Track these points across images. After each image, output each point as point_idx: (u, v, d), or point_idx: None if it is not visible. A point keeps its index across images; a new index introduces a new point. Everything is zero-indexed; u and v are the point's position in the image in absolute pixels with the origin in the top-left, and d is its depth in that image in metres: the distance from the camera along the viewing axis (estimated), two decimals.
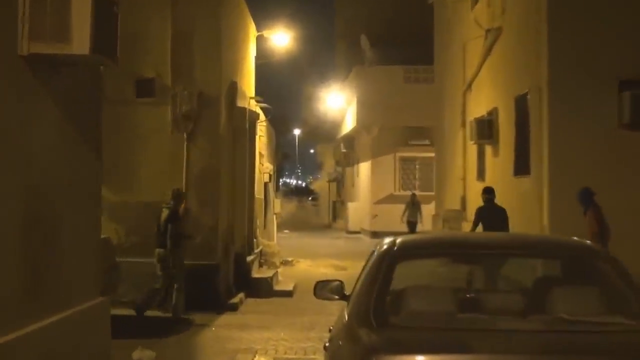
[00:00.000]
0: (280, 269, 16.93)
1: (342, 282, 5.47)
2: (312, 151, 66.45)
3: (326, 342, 5.14)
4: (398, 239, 5.08)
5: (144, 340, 9.72)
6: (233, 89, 13.79)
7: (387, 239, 5.17)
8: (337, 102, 34.39)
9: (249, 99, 15.74)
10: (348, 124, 33.15)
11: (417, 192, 25.92)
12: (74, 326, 6.47)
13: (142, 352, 8.84)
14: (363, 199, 31.67)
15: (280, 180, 63.33)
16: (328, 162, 45.54)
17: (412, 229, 23.25)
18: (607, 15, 11.37)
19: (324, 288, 5.48)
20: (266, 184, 20.31)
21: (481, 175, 15.98)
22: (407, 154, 29.12)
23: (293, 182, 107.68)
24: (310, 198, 54.45)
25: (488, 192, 12.27)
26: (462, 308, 4.65)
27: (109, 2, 6.09)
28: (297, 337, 10.34)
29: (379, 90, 28.43)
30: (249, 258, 14.81)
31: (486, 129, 14.76)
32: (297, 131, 60.11)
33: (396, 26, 29.86)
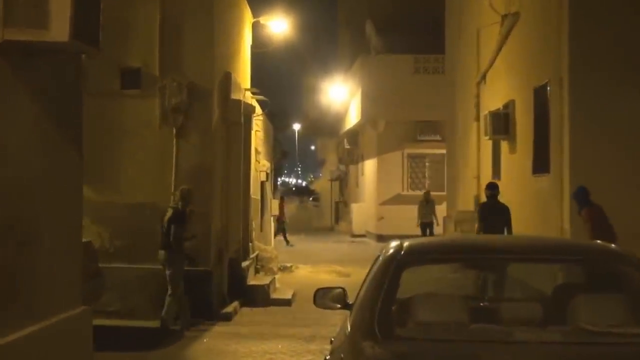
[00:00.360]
0: (278, 276, 16.93)
1: (345, 290, 5.45)
2: (313, 148, 66.48)
3: (327, 356, 5.12)
4: (405, 243, 5.05)
5: (130, 353, 9.74)
6: (227, 80, 13.78)
7: (394, 243, 5.14)
8: (341, 95, 34.39)
9: (244, 91, 15.72)
10: (352, 118, 33.14)
11: None
12: (52, 338, 6.44)
13: None
14: (368, 200, 31.67)
15: (278, 179, 63.37)
16: (330, 160, 45.55)
17: (425, 232, 23.02)
18: None
19: (325, 296, 5.46)
20: (263, 184, 20.33)
21: (496, 173, 15.96)
22: (416, 151, 29.10)
23: (292, 181, 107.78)
24: (311, 198, 54.47)
25: (492, 188, 12.79)
26: (475, 318, 4.63)
27: None
28: (296, 350, 10.33)
29: (386, 81, 28.41)
30: (244, 264, 14.80)
31: (502, 124, 14.74)
32: (297, 126, 60.12)
33: (404, 11, 29.83)
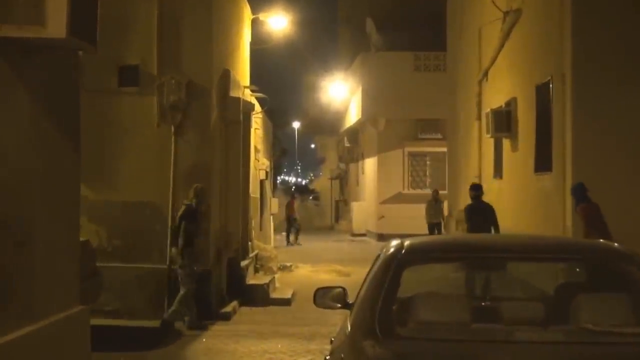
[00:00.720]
0: (277, 275, 16.93)
1: (345, 289, 5.45)
2: (313, 146, 66.46)
3: (327, 356, 5.11)
4: (406, 242, 5.05)
5: (128, 352, 9.74)
6: (225, 78, 13.77)
7: (394, 242, 5.14)
8: (341, 92, 34.38)
9: (243, 89, 15.71)
10: (352, 116, 33.13)
11: (428, 191, 25.81)
12: (49, 338, 6.43)
13: None
14: (369, 198, 31.66)
15: (278, 177, 63.33)
16: (330, 158, 45.55)
17: (434, 232, 22.82)
18: None
19: (325, 295, 5.46)
20: (262, 182, 20.33)
21: (498, 172, 15.95)
22: (417, 149, 29.09)
23: (292, 180, 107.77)
24: (311, 197, 54.46)
25: (476, 189, 13.37)
26: (477, 317, 4.63)
27: None
28: (296, 350, 10.33)
29: (386, 78, 28.41)
30: (244, 263, 14.80)
31: (504, 121, 14.73)
32: (297, 124, 60.09)
33: (405, 8, 29.82)
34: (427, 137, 28.71)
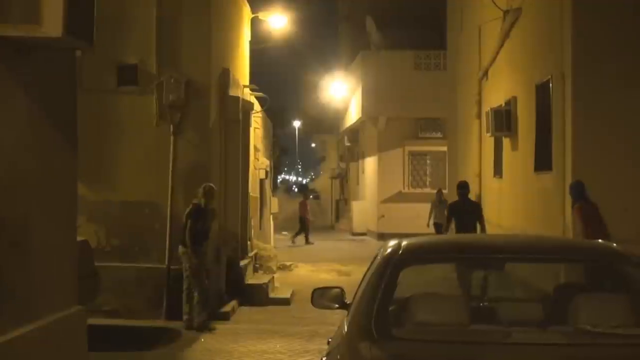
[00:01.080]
0: (277, 275, 16.90)
1: (343, 289, 5.42)
2: (314, 145, 66.47)
3: (323, 357, 5.08)
4: (403, 242, 5.02)
5: (126, 353, 9.72)
6: (225, 77, 13.75)
7: (392, 242, 5.12)
8: (341, 91, 34.35)
9: (243, 88, 15.70)
10: (352, 115, 33.11)
11: (428, 190, 25.82)
12: (46, 338, 6.42)
13: None
14: (369, 198, 31.64)
15: (278, 176, 63.33)
16: (331, 157, 45.53)
17: (440, 232, 22.77)
18: None
19: (323, 296, 5.44)
20: (262, 181, 20.30)
21: (498, 171, 15.94)
22: (417, 148, 29.06)
23: (293, 179, 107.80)
24: (311, 196, 54.42)
25: (462, 187, 13.59)
26: (475, 318, 4.60)
27: None
28: (295, 350, 10.31)
29: (386, 77, 28.38)
30: (243, 262, 14.78)
31: (504, 120, 14.72)
32: (297, 123, 60.15)
33: (405, 6, 29.78)
34: (428, 136, 28.69)
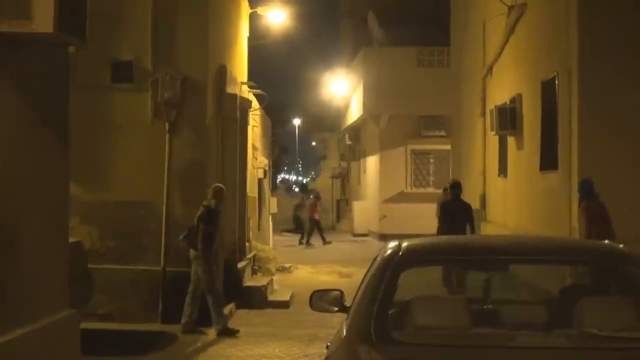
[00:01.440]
0: (276, 277, 16.89)
1: (342, 292, 5.42)
2: (314, 144, 66.50)
3: None
4: (404, 243, 5.01)
5: (120, 358, 9.70)
6: (222, 74, 13.73)
7: (392, 243, 5.11)
8: (342, 89, 34.34)
9: (241, 85, 15.68)
10: (353, 113, 33.10)
11: (431, 190, 25.78)
12: (37, 343, 6.41)
13: None
14: (370, 198, 31.64)
15: (278, 176, 63.30)
16: (331, 156, 45.50)
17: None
18: None
19: (322, 298, 5.43)
20: (260, 181, 20.28)
21: (503, 170, 15.93)
22: (420, 147, 29.04)
23: (293, 178, 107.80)
24: (311, 196, 54.39)
25: (456, 187, 13.77)
26: (477, 322, 4.60)
27: None
28: (294, 354, 10.31)
29: (389, 74, 28.35)
30: (241, 264, 14.76)
31: (509, 118, 14.71)
32: (297, 121, 60.11)
33: (408, 2, 29.75)
34: (431, 135, 28.64)
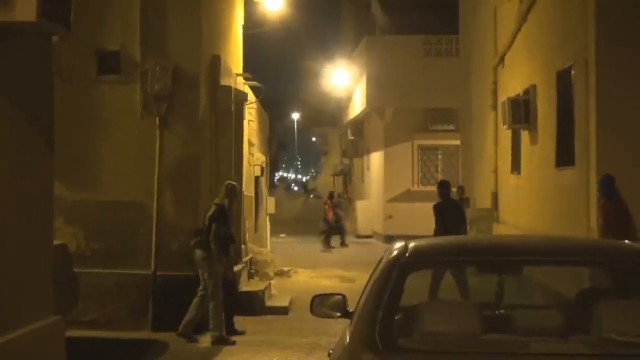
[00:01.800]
0: (274, 281, 16.90)
1: (345, 296, 5.42)
2: (314, 139, 66.54)
3: None
4: (410, 244, 5.01)
5: None
6: (215, 64, 13.74)
7: (398, 244, 5.11)
8: (343, 80, 34.36)
9: (235, 77, 15.69)
10: (356, 106, 33.12)
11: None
12: (19, 351, 6.42)
13: None
14: (375, 197, 31.65)
15: (276, 173, 63.38)
16: (333, 153, 45.55)
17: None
18: None
19: (323, 303, 5.43)
20: (257, 179, 20.28)
21: (516, 166, 15.94)
22: (428, 142, 29.05)
23: (292, 176, 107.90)
24: (311, 195, 54.52)
25: (444, 187, 13.93)
26: (489, 327, 4.60)
27: None
28: None
29: (393, 64, 28.35)
30: (236, 268, 14.77)
31: (522, 111, 14.73)
32: (296, 115, 60.20)
33: None
34: (439, 129, 28.64)
